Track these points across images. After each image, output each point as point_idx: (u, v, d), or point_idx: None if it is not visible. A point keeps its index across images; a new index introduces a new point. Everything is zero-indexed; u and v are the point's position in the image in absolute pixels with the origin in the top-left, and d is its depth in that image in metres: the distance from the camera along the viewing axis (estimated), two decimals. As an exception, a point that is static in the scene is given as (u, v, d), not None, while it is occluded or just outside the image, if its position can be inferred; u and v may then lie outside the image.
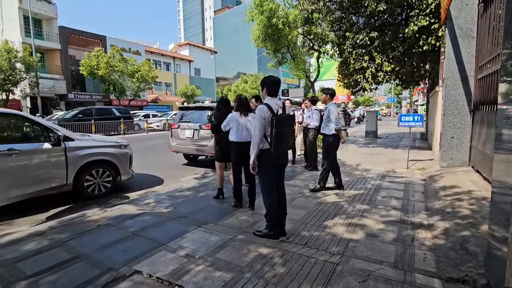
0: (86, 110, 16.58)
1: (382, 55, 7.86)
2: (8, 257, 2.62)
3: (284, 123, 2.80)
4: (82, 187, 4.42)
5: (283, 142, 2.81)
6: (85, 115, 15.85)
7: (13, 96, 19.87)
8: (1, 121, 4.23)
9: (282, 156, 2.95)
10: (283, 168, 3.07)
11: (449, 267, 2.30)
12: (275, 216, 2.91)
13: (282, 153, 2.93)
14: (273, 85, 2.91)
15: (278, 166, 2.94)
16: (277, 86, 2.94)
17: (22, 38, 21.62)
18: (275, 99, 2.91)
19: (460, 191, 3.96)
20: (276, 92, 2.95)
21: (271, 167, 2.87)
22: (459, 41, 5.32)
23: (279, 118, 2.75)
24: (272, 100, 2.87)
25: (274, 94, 2.93)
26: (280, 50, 15.76)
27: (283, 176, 3.09)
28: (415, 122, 6.30)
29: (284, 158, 3.03)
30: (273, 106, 2.80)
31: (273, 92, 2.92)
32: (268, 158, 2.82)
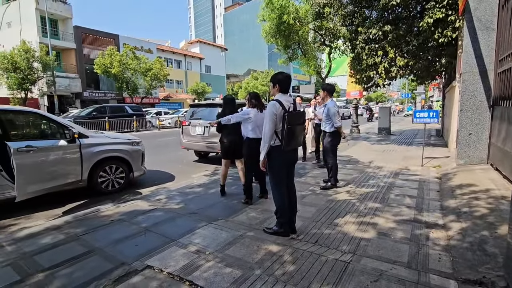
0: (100, 108, 17.00)
1: (395, 49, 7.65)
2: (27, 250, 2.72)
3: (295, 119, 2.77)
4: (96, 183, 4.53)
5: (294, 139, 2.78)
6: (99, 113, 16.27)
7: (31, 94, 20.54)
8: (20, 119, 4.39)
9: (292, 153, 2.92)
10: (293, 165, 3.05)
11: (465, 268, 2.23)
12: (285, 214, 2.89)
13: (293, 150, 2.90)
14: (285, 81, 2.87)
15: (288, 163, 2.92)
16: (288, 82, 2.90)
17: (39, 38, 22.26)
18: (286, 95, 2.88)
19: (478, 189, 3.83)
20: (288, 89, 2.92)
21: (282, 164, 2.85)
22: (478, 34, 5.11)
23: (291, 114, 2.72)
24: (283, 96, 2.83)
25: (285, 91, 2.89)
26: (290, 46, 15.60)
27: (294, 173, 3.06)
28: (430, 118, 6.10)
29: (295, 155, 2.99)
30: (284, 102, 2.76)
31: (284, 88, 2.88)
32: (279, 154, 2.80)
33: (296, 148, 2.97)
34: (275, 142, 2.79)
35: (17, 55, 18.17)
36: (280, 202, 2.89)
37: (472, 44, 5.17)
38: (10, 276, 2.29)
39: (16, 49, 18.41)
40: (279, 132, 2.75)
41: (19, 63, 18.08)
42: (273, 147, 2.79)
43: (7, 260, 2.54)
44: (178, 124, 19.30)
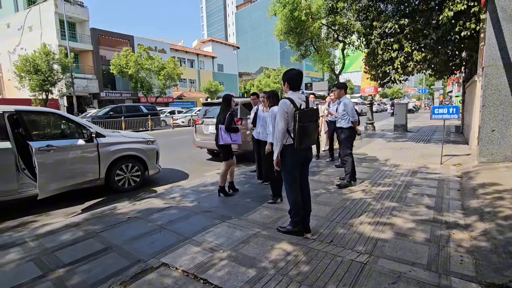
0: (117, 107, 17.46)
1: (412, 43, 7.39)
2: (48, 246, 2.82)
3: (308, 117, 2.71)
4: (113, 181, 4.64)
5: (307, 137, 2.72)
6: (116, 112, 16.70)
7: (51, 95, 21.34)
8: (41, 119, 4.55)
9: (306, 151, 2.86)
10: (307, 164, 2.99)
11: (490, 272, 2.12)
12: (299, 213, 2.86)
13: (306, 148, 2.83)
14: (294, 78, 2.80)
15: (301, 161, 2.86)
16: (299, 79, 2.83)
17: (58, 41, 23.06)
18: (298, 93, 2.82)
19: (502, 189, 3.65)
20: (299, 86, 2.85)
21: (295, 163, 2.81)
22: (502, 25, 4.85)
23: (303, 112, 2.67)
24: (295, 94, 2.78)
25: (296, 88, 2.83)
26: (303, 43, 15.40)
27: (308, 172, 3.01)
28: (450, 114, 5.86)
29: (308, 153, 2.93)
30: (296, 100, 2.71)
31: (295, 85, 2.82)
32: (292, 153, 2.76)
33: (310, 147, 2.90)
34: (288, 140, 2.75)
35: (38, 58, 18.91)
36: (294, 201, 2.85)
37: (496, 36, 4.92)
38: (33, 271, 2.38)
39: (37, 52, 19.15)
40: (291, 130, 2.71)
41: (40, 65, 18.81)
42: (286, 146, 2.76)
43: (30, 256, 2.64)
44: (191, 122, 19.53)
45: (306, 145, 2.77)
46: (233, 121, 4.18)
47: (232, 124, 4.13)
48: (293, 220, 2.90)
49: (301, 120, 2.63)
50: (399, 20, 7.33)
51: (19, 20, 25.30)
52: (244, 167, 6.37)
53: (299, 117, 2.62)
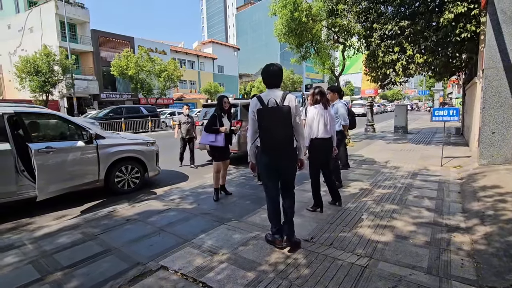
0: (117, 109, 17.46)
1: (413, 45, 7.39)
2: (47, 248, 2.81)
3: (271, 116, 2.44)
4: (112, 182, 4.63)
5: (271, 138, 2.46)
6: (116, 114, 16.70)
7: (52, 96, 21.34)
8: (40, 120, 4.54)
9: (275, 154, 2.54)
10: (288, 172, 2.64)
11: (491, 276, 2.11)
12: (273, 221, 2.69)
13: (275, 151, 2.53)
14: (264, 76, 2.60)
15: (272, 165, 2.58)
16: (268, 76, 2.58)
17: (59, 42, 23.09)
18: (276, 90, 2.57)
19: (503, 191, 3.63)
20: (274, 83, 2.59)
21: (265, 166, 2.62)
22: (502, 27, 4.85)
23: (263, 110, 2.46)
24: (270, 92, 2.57)
25: (271, 85, 2.59)
26: (303, 44, 15.39)
27: (290, 182, 2.67)
28: (450, 116, 5.85)
29: (278, 159, 2.55)
30: (264, 98, 2.52)
31: (268, 83, 2.60)
32: (260, 155, 2.59)
33: (283, 151, 2.54)
34: (258, 142, 2.59)
35: (39, 59, 18.93)
36: (267, 209, 2.72)
37: (496, 38, 4.92)
38: (32, 274, 2.37)
39: (38, 53, 19.18)
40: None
41: (41, 66, 18.82)
42: (257, 147, 2.62)
43: (29, 258, 2.63)
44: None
45: (271, 147, 2.50)
46: (216, 122, 4.13)
47: (213, 125, 4.12)
48: (271, 229, 2.74)
49: (261, 119, 2.45)
50: (399, 22, 7.33)
51: (19, 21, 25.34)
52: (244, 168, 6.36)
53: (258, 116, 2.46)
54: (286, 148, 2.53)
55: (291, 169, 2.66)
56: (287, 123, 2.45)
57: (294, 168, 2.69)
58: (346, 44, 13.47)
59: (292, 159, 2.63)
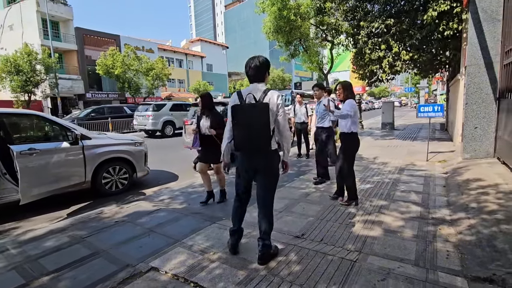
0: (99, 108, 16.89)
1: (399, 43, 7.54)
2: (31, 253, 2.72)
3: (244, 113, 2.26)
4: (100, 184, 4.53)
5: (243, 138, 2.27)
6: (98, 114, 16.14)
7: (34, 97, 20.66)
8: (22, 121, 4.40)
9: (248, 154, 2.36)
10: (263, 175, 2.40)
11: (475, 266, 2.18)
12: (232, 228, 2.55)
13: (251, 155, 2.35)
14: (248, 68, 2.41)
15: (247, 167, 2.41)
16: (251, 68, 2.39)
17: (41, 40, 22.35)
18: (258, 85, 2.38)
19: (486, 184, 3.76)
20: (255, 77, 2.40)
21: (239, 166, 2.49)
22: (483, 25, 5.00)
23: (237, 107, 2.30)
24: (251, 87, 2.39)
25: (253, 80, 2.41)
26: (292, 42, 15.46)
27: (265, 187, 2.41)
28: (435, 112, 6.01)
29: (251, 160, 2.36)
30: (244, 93, 2.37)
31: (249, 77, 2.42)
32: (236, 156, 2.47)
33: (255, 152, 2.34)
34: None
35: (20, 58, 18.27)
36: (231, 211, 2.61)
37: (477, 36, 5.07)
38: (15, 280, 2.29)
39: (18, 52, 18.51)
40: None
41: (22, 66, 18.18)
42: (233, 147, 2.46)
43: (12, 264, 2.54)
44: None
45: (243, 147, 2.33)
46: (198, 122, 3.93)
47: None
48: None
49: (235, 116, 2.30)
50: (385, 20, 7.47)
51: (-2, 18, 24.41)
52: (234, 167, 6.34)
53: (232, 112, 2.31)
54: (262, 151, 2.30)
55: (268, 176, 2.39)
56: (263, 122, 2.20)
57: (272, 175, 2.40)
58: (334, 42, 13.60)
59: (268, 165, 2.36)
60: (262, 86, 2.38)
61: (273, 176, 2.43)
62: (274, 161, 2.39)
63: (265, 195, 2.42)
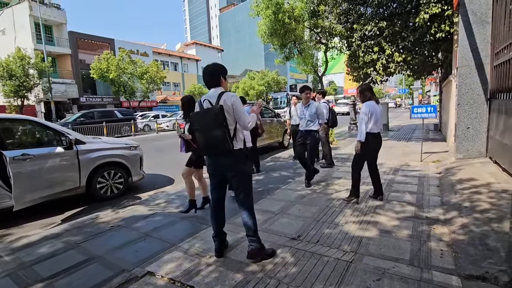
0: (88, 113, 16.72)
1: (392, 45, 7.65)
2: (25, 259, 2.69)
3: (200, 119, 2.34)
4: (94, 189, 4.50)
5: (202, 141, 2.36)
6: (88, 118, 15.97)
7: (27, 101, 20.47)
8: (15, 126, 4.36)
9: (215, 161, 2.43)
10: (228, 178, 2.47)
11: (468, 264, 2.21)
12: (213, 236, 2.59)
13: (215, 157, 2.42)
14: (203, 75, 2.45)
15: (212, 171, 2.50)
16: (205, 74, 2.43)
17: (33, 44, 22.19)
18: (215, 90, 2.40)
19: (478, 183, 3.82)
20: (210, 82, 2.43)
21: (208, 171, 2.53)
22: (473, 28, 5.10)
23: (196, 113, 2.40)
24: (208, 93, 2.44)
25: (209, 85, 2.45)
26: (287, 45, 15.55)
27: (239, 190, 2.45)
28: (428, 113, 6.10)
29: (216, 162, 2.42)
30: (202, 99, 2.43)
31: (205, 83, 2.46)
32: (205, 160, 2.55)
33: (217, 155, 2.39)
34: None
35: (12, 62, 18.11)
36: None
37: (468, 38, 5.16)
38: (9, 287, 2.26)
39: (11, 56, 18.34)
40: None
41: (15, 70, 18.02)
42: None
43: (6, 271, 2.51)
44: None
45: (204, 150, 2.43)
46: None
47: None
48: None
49: (193, 123, 2.39)
50: (378, 23, 7.57)
51: (-10, 23, 24.19)
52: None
53: (191, 120, 2.38)
54: (222, 152, 2.31)
55: (236, 176, 2.41)
56: (218, 123, 2.22)
57: (240, 174, 2.41)
58: (328, 45, 13.72)
59: (234, 165, 2.38)
60: (217, 90, 2.40)
61: (242, 175, 2.43)
62: (240, 161, 2.40)
63: (239, 195, 2.47)
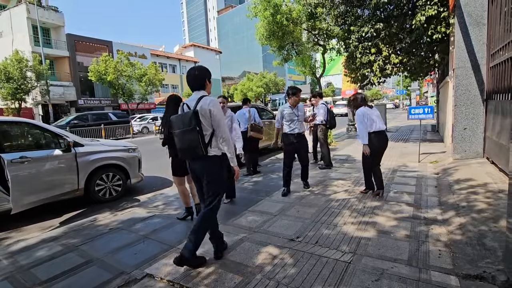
0: (82, 115, 16.64)
1: (389, 47, 7.70)
2: (23, 263, 2.68)
3: (176, 122, 2.32)
4: (93, 191, 4.49)
5: (178, 146, 2.35)
6: (82, 121, 15.87)
7: (25, 104, 20.41)
8: (13, 129, 4.34)
9: (189, 163, 2.45)
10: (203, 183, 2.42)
11: (466, 264, 2.23)
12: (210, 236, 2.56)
13: (191, 162, 2.43)
14: (187, 78, 2.45)
15: (192, 176, 2.51)
16: (188, 77, 2.43)
17: (31, 47, 22.15)
18: (196, 94, 2.40)
19: (475, 184, 3.84)
20: (193, 86, 2.43)
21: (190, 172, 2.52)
22: (469, 29, 5.15)
23: (173, 118, 2.37)
24: (192, 95, 2.43)
25: (194, 88, 2.44)
26: (285, 47, 15.61)
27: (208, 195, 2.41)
28: (425, 114, 6.13)
29: (192, 166, 2.43)
30: (183, 104, 2.45)
31: (189, 86, 2.44)
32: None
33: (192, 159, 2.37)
34: None
35: (10, 65, 18.05)
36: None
37: (464, 40, 5.21)
38: (7, 291, 2.25)
39: (8, 59, 18.29)
40: None
41: (12, 73, 17.96)
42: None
43: (4, 274, 2.50)
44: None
45: (180, 154, 2.39)
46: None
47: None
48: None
49: (171, 127, 2.37)
50: (375, 24, 7.62)
51: (-12, 26, 24.13)
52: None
53: (170, 124, 2.38)
54: (196, 157, 2.31)
55: (207, 181, 2.38)
56: (192, 129, 2.22)
57: (211, 180, 2.37)
58: (326, 46, 13.78)
59: (206, 170, 2.36)
60: (199, 94, 2.38)
61: (213, 182, 2.38)
62: (213, 167, 2.38)
63: (207, 200, 2.42)
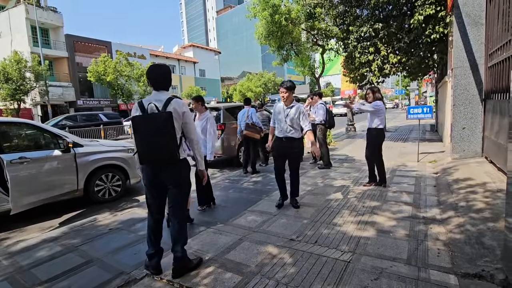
0: (71, 116, 16.57)
1: (387, 46, 7.72)
2: (23, 263, 2.68)
3: (146, 124, 2.13)
4: (92, 192, 4.49)
5: (147, 149, 2.13)
6: (70, 121, 15.71)
7: (24, 105, 20.37)
8: (12, 130, 4.34)
9: (156, 170, 2.23)
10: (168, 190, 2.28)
11: (464, 262, 2.24)
12: (148, 244, 2.34)
13: (156, 167, 2.23)
14: (155, 74, 2.27)
15: (149, 182, 2.28)
16: (160, 75, 2.27)
17: (30, 48, 22.12)
18: (162, 94, 2.25)
19: (474, 183, 3.85)
20: (160, 84, 2.27)
21: (145, 181, 2.31)
22: (467, 29, 5.17)
23: (137, 118, 2.16)
24: (155, 95, 2.24)
25: (159, 87, 2.26)
26: (284, 47, 15.62)
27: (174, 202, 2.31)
28: (424, 114, 6.15)
29: (157, 172, 2.23)
30: (145, 103, 2.20)
31: (157, 84, 2.26)
32: (142, 170, 2.30)
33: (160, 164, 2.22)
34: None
35: (9, 65, 18.03)
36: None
37: (462, 39, 5.23)
38: (7, 291, 2.25)
39: (7, 59, 18.26)
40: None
41: (11, 73, 17.93)
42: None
43: (4, 275, 2.50)
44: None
45: (148, 159, 2.19)
46: None
47: None
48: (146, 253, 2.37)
49: (136, 128, 2.16)
50: (374, 24, 7.64)
51: (-14, 26, 24.08)
52: (228, 172, 6.35)
53: (133, 124, 2.16)
54: (168, 162, 2.19)
55: (177, 187, 2.27)
56: (166, 132, 2.09)
57: (181, 186, 2.29)
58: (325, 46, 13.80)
59: (176, 176, 2.25)
60: (165, 94, 2.26)
61: (183, 187, 2.33)
62: (183, 171, 2.30)
63: (174, 206, 2.32)
